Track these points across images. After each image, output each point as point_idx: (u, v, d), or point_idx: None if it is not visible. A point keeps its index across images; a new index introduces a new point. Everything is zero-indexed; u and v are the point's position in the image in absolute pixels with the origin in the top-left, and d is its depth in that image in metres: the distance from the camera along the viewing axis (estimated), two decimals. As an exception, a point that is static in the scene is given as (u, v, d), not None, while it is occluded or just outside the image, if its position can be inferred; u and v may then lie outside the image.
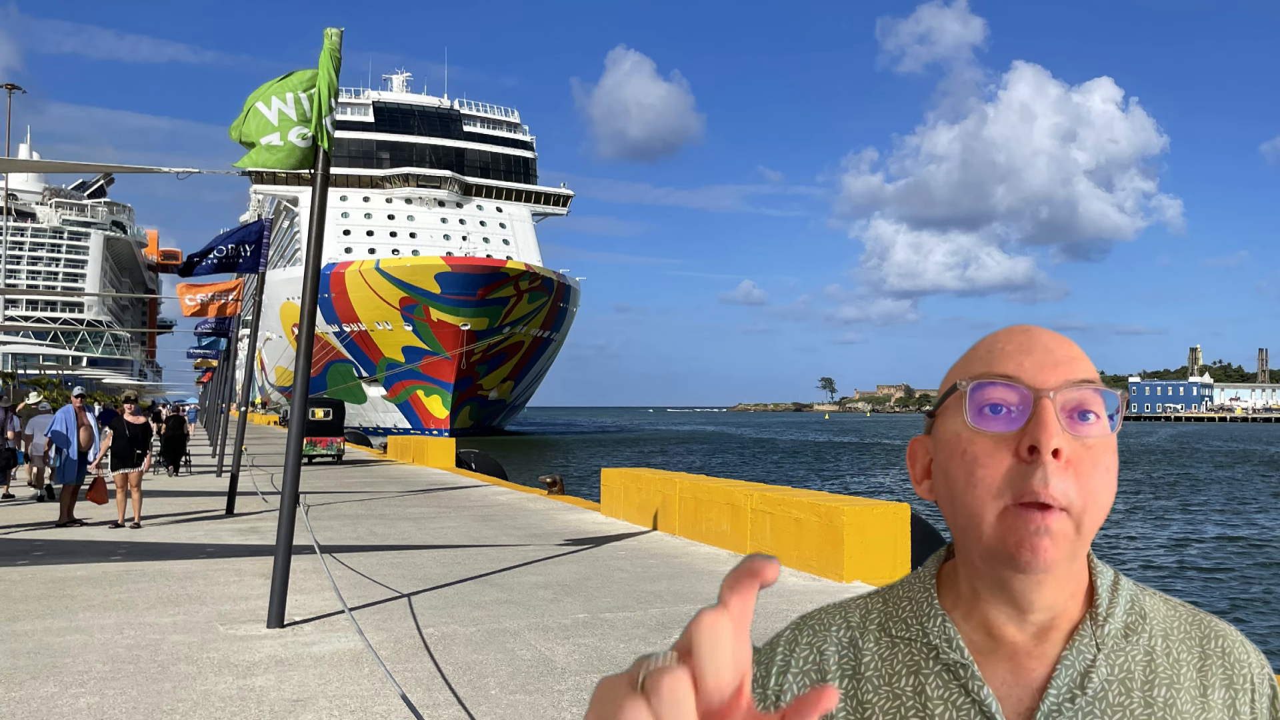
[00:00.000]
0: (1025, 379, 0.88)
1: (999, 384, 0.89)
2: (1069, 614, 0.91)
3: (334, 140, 7.58)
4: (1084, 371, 0.90)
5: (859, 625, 0.98)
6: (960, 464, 0.89)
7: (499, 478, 24.42)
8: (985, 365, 0.91)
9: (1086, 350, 0.94)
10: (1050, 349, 0.91)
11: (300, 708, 5.20)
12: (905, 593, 0.98)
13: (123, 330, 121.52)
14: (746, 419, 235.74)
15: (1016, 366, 0.89)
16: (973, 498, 0.88)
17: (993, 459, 0.87)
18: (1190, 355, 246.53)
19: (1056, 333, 0.94)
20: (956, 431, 0.90)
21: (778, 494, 10.27)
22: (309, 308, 7.49)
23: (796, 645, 0.99)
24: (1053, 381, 0.88)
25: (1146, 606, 0.94)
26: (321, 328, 68.84)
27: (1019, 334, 0.93)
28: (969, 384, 0.90)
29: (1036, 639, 0.91)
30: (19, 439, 17.03)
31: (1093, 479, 0.86)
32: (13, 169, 18.99)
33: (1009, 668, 0.90)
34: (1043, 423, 0.85)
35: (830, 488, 35.47)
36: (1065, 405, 0.87)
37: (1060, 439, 0.85)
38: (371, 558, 10.35)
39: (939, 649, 0.92)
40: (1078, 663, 0.89)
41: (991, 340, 0.95)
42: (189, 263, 15.31)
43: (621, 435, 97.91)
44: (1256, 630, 13.72)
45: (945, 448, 0.92)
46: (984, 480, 0.87)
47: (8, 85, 60.05)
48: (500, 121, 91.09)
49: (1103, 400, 0.89)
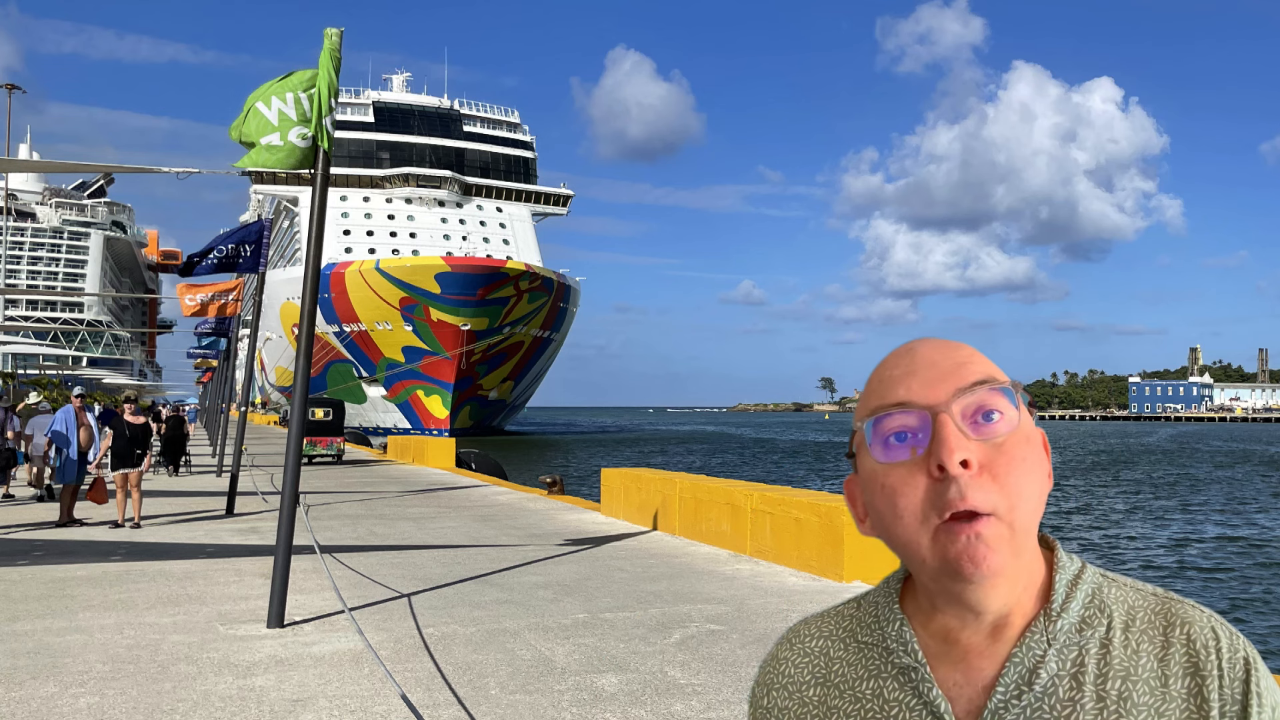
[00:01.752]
0: (916, 400, 0.90)
1: (894, 413, 0.91)
2: (1023, 609, 0.91)
3: (334, 140, 7.58)
4: (975, 374, 0.91)
5: (832, 633, 1.02)
6: (883, 497, 0.91)
7: (499, 478, 24.43)
8: (879, 397, 0.93)
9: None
10: (935, 362, 0.92)
11: (300, 708, 5.20)
12: (874, 598, 1.02)
13: (123, 330, 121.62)
14: (746, 419, 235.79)
15: (906, 390, 0.91)
16: (902, 527, 0.90)
17: (909, 486, 0.89)
18: (1190, 355, 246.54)
19: (942, 340, 0.96)
20: (872, 468, 0.93)
21: (778, 494, 10.27)
22: (309, 308, 7.49)
23: (777, 661, 1.05)
24: (943, 395, 0.89)
25: (1110, 598, 0.93)
26: (321, 328, 68.85)
27: (904, 356, 0.95)
28: (866, 423, 0.93)
29: (990, 638, 0.91)
30: (19, 439, 17.04)
31: (1011, 476, 0.88)
32: (13, 169, 18.99)
33: (961, 669, 0.92)
34: (942, 439, 0.87)
35: (830, 488, 35.47)
36: (964, 413, 0.89)
37: (964, 449, 0.87)
38: (371, 558, 10.35)
39: (894, 653, 0.95)
40: (1027, 659, 0.89)
41: (880, 369, 0.96)
42: (189, 263, 15.31)
43: (621, 435, 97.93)
44: (1256, 630, 13.72)
45: (867, 484, 0.94)
46: (908, 509, 0.89)
47: (8, 85, 60.00)
48: (500, 121, 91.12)
49: (1002, 396, 0.90)
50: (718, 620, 7.33)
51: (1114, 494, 35.26)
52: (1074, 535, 23.81)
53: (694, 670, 5.95)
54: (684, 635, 6.84)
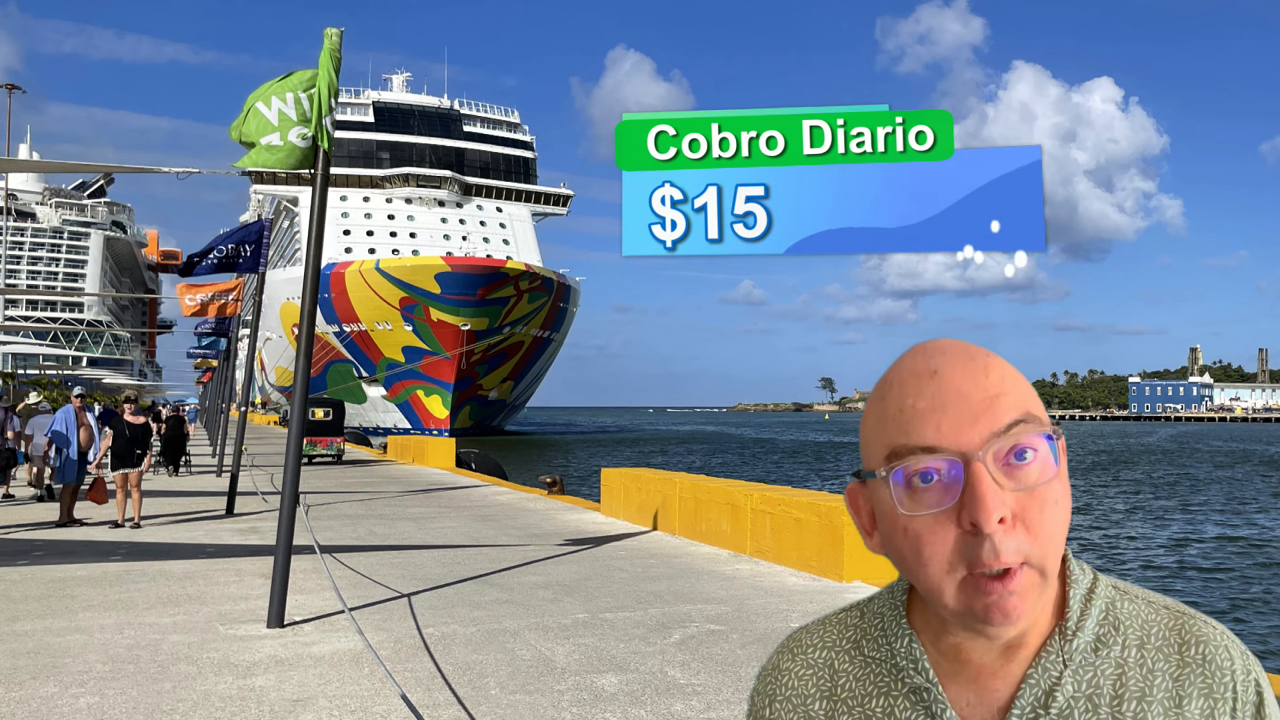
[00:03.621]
0: (947, 445, 0.83)
1: (921, 456, 0.84)
2: (1038, 627, 0.89)
3: (334, 140, 7.58)
4: (1009, 411, 0.84)
5: (835, 644, 0.99)
6: (905, 541, 0.86)
7: (499, 478, 24.43)
8: (903, 434, 0.86)
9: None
10: (966, 395, 0.85)
11: (300, 708, 5.20)
12: (879, 608, 0.98)
13: (123, 330, 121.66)
14: (746, 419, 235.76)
15: (935, 432, 0.84)
16: (926, 575, 0.85)
17: (935, 536, 0.84)
18: (1190, 355, 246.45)
19: (968, 356, 0.88)
20: (892, 508, 0.86)
21: (778, 494, 10.27)
22: (309, 308, 7.49)
23: (779, 671, 1.01)
24: (977, 441, 0.83)
25: (1123, 613, 0.91)
26: (321, 328, 68.82)
27: (927, 381, 0.86)
28: (888, 472, 0.86)
29: (1003, 658, 0.89)
30: (19, 439, 17.03)
31: (1043, 522, 0.83)
32: (13, 169, 19.00)
33: (974, 689, 0.89)
34: (978, 497, 0.81)
35: (830, 488, 35.47)
36: (998, 457, 0.83)
37: (1000, 506, 0.82)
38: (371, 558, 10.35)
39: (905, 671, 0.92)
40: (1043, 681, 0.87)
41: (900, 392, 0.88)
42: (189, 263, 15.31)
43: (621, 435, 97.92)
44: (1256, 630, 13.71)
45: (885, 521, 0.88)
46: (934, 559, 0.84)
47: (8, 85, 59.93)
48: (500, 121, 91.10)
49: (1039, 437, 0.85)
50: (718, 620, 7.33)
51: (1114, 494, 35.25)
52: (1074, 535, 23.81)
53: (694, 670, 5.95)
54: (684, 635, 6.84)
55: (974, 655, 0.89)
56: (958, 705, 0.89)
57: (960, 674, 0.90)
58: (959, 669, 0.90)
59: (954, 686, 0.90)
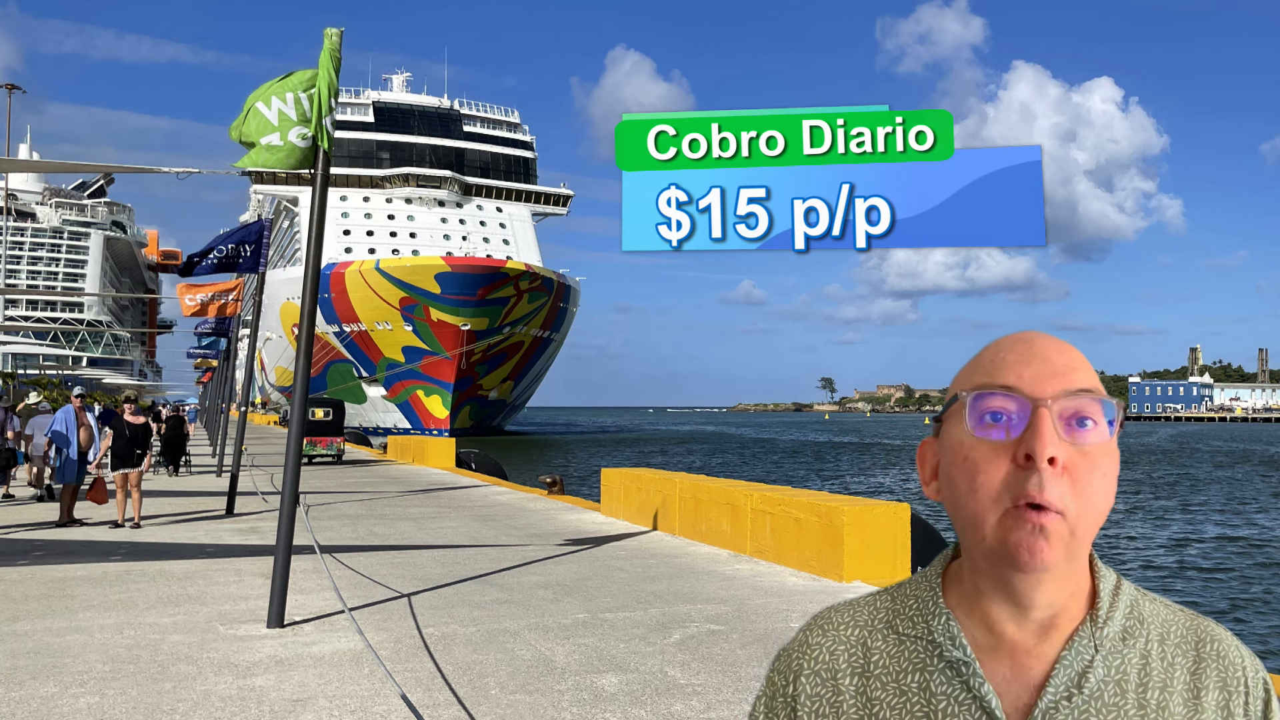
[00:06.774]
0: (1024, 389, 0.92)
1: (998, 394, 0.93)
2: (1070, 614, 0.94)
3: (334, 140, 7.58)
4: (1083, 381, 0.94)
5: (867, 623, 1.02)
6: (963, 470, 0.94)
7: (499, 478, 24.42)
8: (987, 375, 0.96)
9: (1086, 351, 0.99)
10: (1050, 358, 0.95)
11: (300, 708, 5.19)
12: (913, 591, 1.03)
13: (123, 330, 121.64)
14: (746, 419, 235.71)
15: (1016, 377, 0.94)
16: (974, 502, 0.92)
17: (992, 465, 0.92)
18: (1190, 355, 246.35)
19: (1060, 340, 0.98)
20: (959, 439, 0.95)
21: (778, 494, 10.27)
22: (309, 308, 7.49)
23: (808, 646, 1.04)
24: (1050, 391, 0.92)
25: (1145, 611, 0.98)
26: (321, 328, 68.82)
27: (1021, 343, 0.97)
28: (970, 394, 0.95)
29: (1037, 638, 0.94)
30: (19, 439, 17.02)
31: (1089, 484, 0.91)
32: (13, 169, 19.01)
33: (1009, 665, 0.94)
34: (1038, 431, 0.90)
35: (830, 488, 35.47)
36: (1063, 413, 0.91)
37: (1056, 447, 0.90)
38: (371, 558, 10.35)
39: (943, 646, 0.96)
40: (1076, 663, 0.93)
41: (994, 349, 0.99)
42: (189, 263, 15.31)
43: (621, 435, 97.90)
44: (1256, 630, 13.71)
45: (949, 453, 0.96)
46: (984, 486, 0.91)
47: (8, 85, 60.06)
48: (500, 121, 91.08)
49: (1101, 408, 0.93)
50: (718, 620, 7.33)
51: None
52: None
53: (694, 670, 5.95)
54: (684, 635, 6.84)
55: (1008, 632, 0.95)
56: (993, 680, 0.94)
57: (996, 650, 0.95)
58: (995, 644, 0.95)
59: (990, 662, 0.95)
